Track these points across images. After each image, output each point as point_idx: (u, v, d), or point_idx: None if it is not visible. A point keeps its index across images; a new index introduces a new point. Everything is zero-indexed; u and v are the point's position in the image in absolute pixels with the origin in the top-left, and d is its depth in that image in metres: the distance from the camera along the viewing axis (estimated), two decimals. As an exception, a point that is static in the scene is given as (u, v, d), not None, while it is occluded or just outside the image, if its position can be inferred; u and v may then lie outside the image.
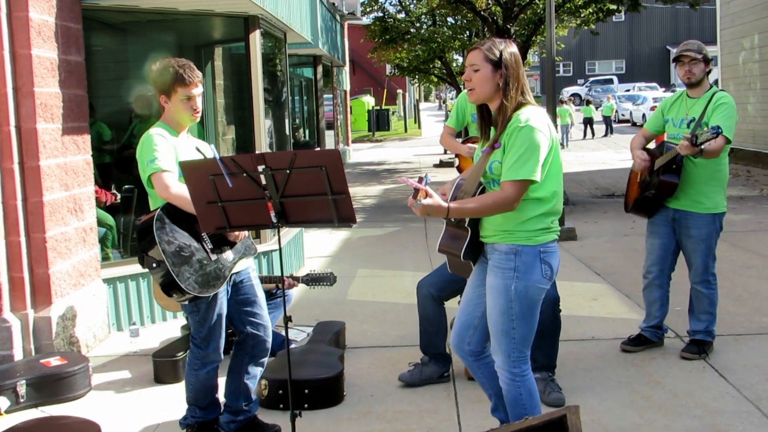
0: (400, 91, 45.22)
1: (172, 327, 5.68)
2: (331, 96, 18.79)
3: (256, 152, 5.89)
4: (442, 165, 18.70)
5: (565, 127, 23.47)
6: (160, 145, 3.44)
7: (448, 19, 21.17)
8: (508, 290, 3.02)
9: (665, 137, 4.77)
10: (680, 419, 3.85)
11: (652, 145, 4.91)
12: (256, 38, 6.57)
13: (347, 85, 22.68)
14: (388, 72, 30.64)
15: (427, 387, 4.37)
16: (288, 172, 2.88)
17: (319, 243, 9.13)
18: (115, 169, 6.76)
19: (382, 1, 20.30)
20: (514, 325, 3.05)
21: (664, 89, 38.13)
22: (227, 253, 3.53)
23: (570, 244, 8.39)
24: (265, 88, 7.02)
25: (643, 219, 4.89)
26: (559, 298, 4.25)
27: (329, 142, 18.03)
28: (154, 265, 3.32)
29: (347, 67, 22.14)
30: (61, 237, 5.00)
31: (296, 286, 5.24)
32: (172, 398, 4.31)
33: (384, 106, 39.46)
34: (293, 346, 4.92)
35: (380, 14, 20.34)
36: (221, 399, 3.78)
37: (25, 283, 4.77)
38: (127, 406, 4.32)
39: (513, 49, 3.05)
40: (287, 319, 3.35)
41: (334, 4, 15.28)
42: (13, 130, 4.68)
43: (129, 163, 6.39)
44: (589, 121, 27.03)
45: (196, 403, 3.68)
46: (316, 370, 4.25)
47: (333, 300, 6.36)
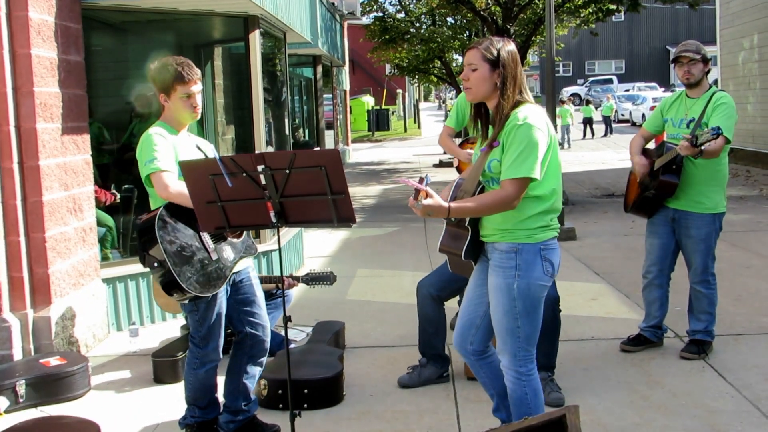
0: (400, 91, 45.23)
1: (172, 327, 5.67)
2: (331, 96, 18.79)
3: (256, 152, 5.90)
4: (441, 165, 18.68)
5: (566, 127, 23.46)
6: (159, 145, 3.43)
7: (448, 19, 21.17)
8: (511, 289, 3.02)
9: (664, 137, 4.77)
10: (679, 419, 3.86)
11: (651, 146, 4.91)
12: (256, 38, 6.57)
13: (347, 85, 22.68)
14: (387, 72, 30.65)
15: (427, 387, 4.37)
16: (287, 171, 2.88)
17: (319, 243, 9.13)
18: (115, 169, 6.75)
19: (381, 0, 20.31)
20: (519, 324, 3.05)
21: (663, 89, 38.13)
22: (228, 253, 3.53)
23: (569, 243, 8.39)
24: (265, 88, 7.02)
25: (643, 219, 4.88)
26: (559, 297, 4.25)
27: (329, 142, 18.03)
28: (156, 264, 3.32)
29: (347, 67, 22.13)
30: (61, 237, 5.00)
31: (296, 286, 5.24)
32: (172, 398, 4.31)
33: (384, 106, 39.45)
34: (293, 346, 4.92)
35: (380, 14, 20.34)
36: (220, 399, 3.78)
37: (25, 283, 4.77)
38: (126, 406, 4.32)
39: (510, 48, 3.05)
40: (287, 319, 3.35)
41: (333, 4, 15.28)
42: (12, 129, 4.68)
43: (129, 163, 6.40)
44: (589, 121, 27.03)
45: (195, 402, 3.68)
46: (316, 370, 4.25)
47: (332, 300, 6.35)
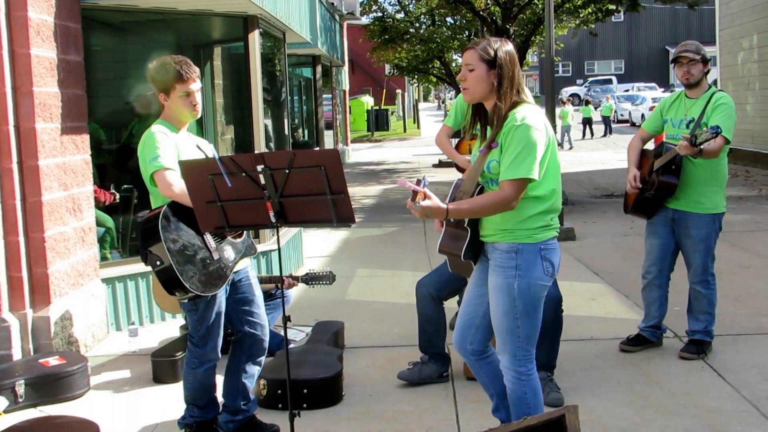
0: (399, 91, 45.24)
1: (171, 327, 5.67)
2: (330, 96, 18.79)
3: (255, 152, 5.90)
4: (441, 165, 18.66)
5: (567, 127, 23.44)
6: (162, 143, 3.42)
7: (447, 19, 21.18)
8: (511, 289, 3.02)
9: (664, 137, 4.77)
10: (679, 419, 3.86)
11: (651, 146, 4.91)
12: (255, 38, 6.57)
13: (346, 85, 22.68)
14: (387, 72, 30.65)
15: (426, 387, 4.37)
16: (287, 171, 2.87)
17: (318, 243, 9.13)
18: (114, 168, 6.75)
19: (381, 1, 20.31)
20: (519, 324, 3.05)
21: (663, 89, 38.15)
22: (229, 253, 3.53)
23: (569, 244, 8.39)
24: (264, 88, 7.02)
25: (642, 219, 4.89)
26: (562, 297, 4.25)
27: (328, 142, 18.03)
28: (158, 263, 3.30)
29: (346, 67, 22.14)
30: (60, 237, 4.99)
31: (296, 286, 5.24)
32: (171, 398, 4.30)
33: (383, 106, 39.46)
34: (292, 345, 4.91)
35: (379, 14, 20.34)
36: (219, 398, 3.78)
37: (24, 283, 4.76)
38: (125, 406, 4.32)
39: (508, 48, 3.04)
40: (286, 318, 3.35)
41: (333, 4, 15.28)
42: (12, 129, 4.68)
43: (128, 163, 6.40)
44: (588, 121, 27.05)
45: (194, 402, 3.68)
46: (315, 370, 4.25)
47: (332, 300, 6.35)
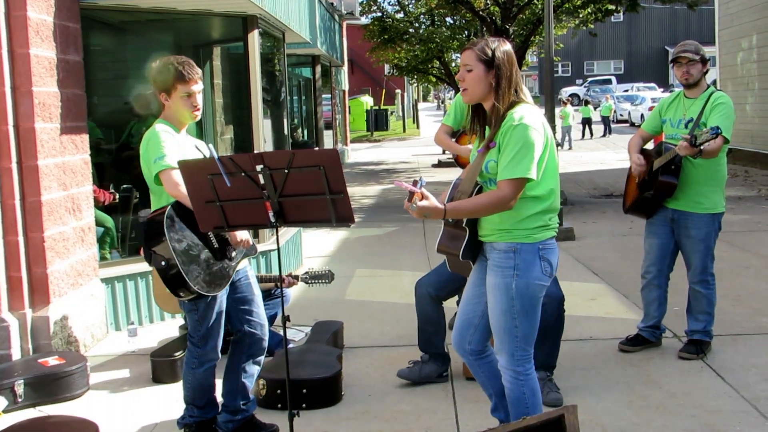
0: (399, 91, 45.22)
1: (171, 327, 5.67)
2: (330, 96, 18.78)
3: (255, 152, 5.90)
4: (440, 165, 18.68)
5: (568, 128, 23.43)
6: (166, 142, 3.42)
7: (447, 19, 21.19)
8: (509, 288, 3.02)
9: (663, 138, 4.77)
10: (678, 419, 3.86)
11: (650, 146, 4.91)
12: (255, 38, 6.56)
13: (346, 85, 22.68)
14: (386, 72, 30.65)
15: (426, 386, 4.37)
16: (286, 171, 2.87)
17: (318, 243, 9.12)
18: (113, 168, 6.75)
19: (380, 1, 20.32)
20: (517, 323, 3.05)
21: (662, 89, 38.15)
22: (231, 253, 3.53)
23: (568, 244, 8.39)
24: (264, 88, 7.02)
25: (642, 219, 4.89)
26: (564, 297, 4.25)
27: (328, 142, 18.03)
28: (163, 263, 3.30)
29: (346, 67, 22.13)
30: (59, 236, 4.99)
31: (295, 285, 5.24)
32: (170, 398, 4.30)
33: (382, 106, 39.46)
34: (291, 345, 4.91)
35: (379, 14, 20.35)
36: (219, 398, 3.78)
37: (23, 283, 4.76)
38: (124, 406, 4.32)
39: (506, 48, 3.04)
40: (285, 318, 3.35)
41: (332, 4, 15.28)
42: (11, 129, 4.68)
43: (127, 163, 6.40)
44: (588, 122, 27.06)
45: (193, 402, 3.67)
46: (315, 370, 4.25)
47: (331, 300, 6.36)
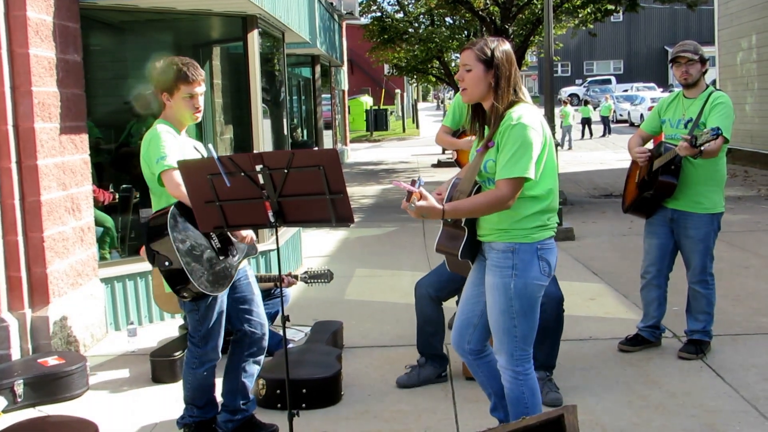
0: (398, 91, 45.21)
1: (170, 327, 5.67)
2: (329, 96, 18.79)
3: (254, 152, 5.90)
4: (440, 165, 18.68)
5: (568, 127, 23.42)
6: (168, 142, 3.41)
7: (446, 19, 21.21)
8: (507, 288, 3.02)
9: (662, 138, 4.77)
10: (678, 419, 3.86)
11: (649, 146, 4.90)
12: (255, 38, 6.56)
13: (345, 85, 22.67)
14: (386, 72, 30.64)
15: (425, 386, 4.37)
16: (286, 171, 2.87)
17: (317, 243, 9.12)
18: (113, 168, 6.75)
19: (380, 1, 20.32)
20: (515, 323, 3.05)
21: (662, 89, 38.15)
22: (233, 253, 3.53)
23: (568, 244, 8.40)
24: (264, 88, 7.02)
25: (641, 219, 4.89)
26: (563, 297, 4.25)
27: (327, 142, 18.03)
28: (167, 263, 3.30)
29: (345, 67, 22.12)
30: (59, 236, 4.99)
31: (295, 284, 5.24)
32: (170, 398, 4.30)
33: (382, 106, 39.45)
34: (291, 345, 4.92)
35: (378, 14, 20.36)
36: (219, 398, 3.78)
37: (23, 283, 4.76)
38: (124, 406, 4.32)
39: (505, 48, 3.04)
40: (285, 318, 3.35)
41: (332, 4, 15.27)
42: (10, 129, 4.68)
43: (127, 163, 6.39)
44: (587, 122, 27.07)
45: (193, 402, 3.67)
46: (314, 370, 4.25)
47: (331, 300, 6.36)
